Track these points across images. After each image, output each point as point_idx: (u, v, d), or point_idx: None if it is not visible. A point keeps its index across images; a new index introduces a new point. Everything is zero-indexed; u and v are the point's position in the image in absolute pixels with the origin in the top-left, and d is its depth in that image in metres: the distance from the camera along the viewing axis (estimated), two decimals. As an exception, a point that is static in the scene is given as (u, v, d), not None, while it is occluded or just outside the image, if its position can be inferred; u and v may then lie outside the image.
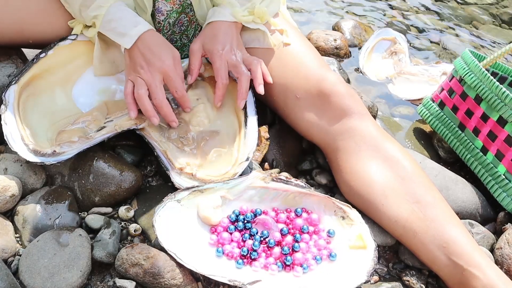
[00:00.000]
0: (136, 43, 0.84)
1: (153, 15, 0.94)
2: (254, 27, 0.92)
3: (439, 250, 0.74)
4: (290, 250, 0.76)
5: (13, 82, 0.84)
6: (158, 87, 0.83)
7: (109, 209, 0.81)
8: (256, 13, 0.91)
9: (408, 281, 0.78)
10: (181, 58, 0.99)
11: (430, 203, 0.77)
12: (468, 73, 0.95)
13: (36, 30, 0.89)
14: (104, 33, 0.86)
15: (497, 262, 0.81)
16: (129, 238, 0.79)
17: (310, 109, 0.87)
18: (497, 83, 0.89)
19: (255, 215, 0.79)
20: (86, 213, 0.81)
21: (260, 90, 0.86)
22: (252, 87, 0.90)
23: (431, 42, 1.49)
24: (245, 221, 0.78)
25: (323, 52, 1.30)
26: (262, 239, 0.76)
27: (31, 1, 0.87)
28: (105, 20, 0.84)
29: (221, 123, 0.89)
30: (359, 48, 1.38)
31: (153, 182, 0.89)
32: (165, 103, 0.83)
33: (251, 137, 0.86)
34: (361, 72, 1.29)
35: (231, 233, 0.77)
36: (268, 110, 0.99)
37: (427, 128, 1.12)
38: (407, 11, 1.65)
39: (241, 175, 0.81)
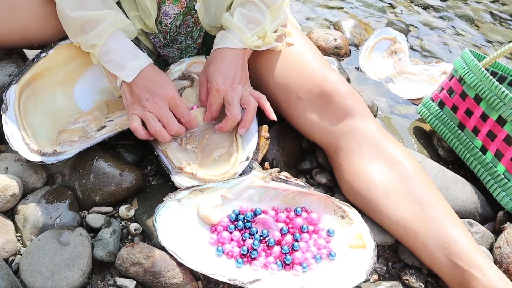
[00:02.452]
0: (135, 78, 0.81)
1: (157, 18, 0.93)
2: (263, 49, 0.90)
3: (440, 251, 0.74)
4: (290, 249, 0.76)
5: (13, 82, 0.84)
6: (170, 117, 0.81)
7: (109, 209, 0.82)
8: (266, 41, 0.89)
9: (407, 280, 0.78)
10: (184, 58, 0.99)
11: (431, 204, 0.77)
12: (467, 72, 0.95)
13: (42, 34, 0.88)
14: (102, 64, 0.83)
15: (496, 261, 0.81)
16: (129, 237, 0.80)
17: (312, 109, 0.88)
18: (497, 82, 0.90)
19: (255, 215, 0.79)
20: (86, 212, 0.82)
21: (240, 132, 0.85)
22: (252, 87, 0.90)
23: (431, 41, 1.49)
24: (245, 221, 0.78)
25: (323, 51, 1.30)
26: (262, 238, 0.77)
27: (36, 7, 0.86)
28: (103, 50, 0.81)
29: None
30: (359, 48, 1.38)
31: (153, 182, 0.89)
32: (182, 130, 0.83)
33: (251, 136, 0.86)
34: (361, 72, 1.29)
35: (231, 232, 0.77)
36: (268, 110, 0.99)
37: (427, 127, 1.12)
38: (407, 10, 1.65)
39: (241, 174, 0.82)
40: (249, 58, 0.93)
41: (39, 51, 0.89)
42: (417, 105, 1.14)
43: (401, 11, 1.64)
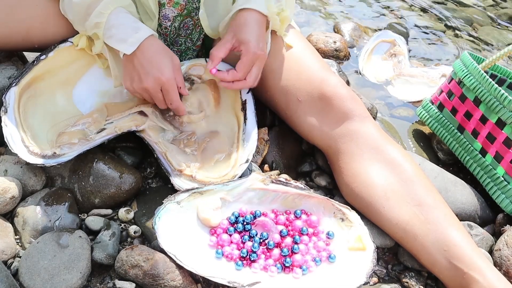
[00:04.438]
0: (135, 51, 0.81)
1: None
2: (274, 29, 0.91)
3: (440, 253, 0.74)
4: (290, 251, 0.76)
5: (13, 84, 0.84)
6: (158, 101, 0.85)
7: (109, 211, 0.82)
8: (281, 17, 0.90)
9: (407, 282, 0.78)
10: (185, 60, 0.99)
11: (431, 206, 0.77)
12: (467, 75, 0.95)
13: (43, 34, 0.89)
14: (105, 41, 0.84)
15: (495, 264, 0.81)
16: (129, 239, 0.80)
17: (312, 111, 0.88)
18: (496, 85, 0.90)
19: (255, 217, 0.79)
20: (86, 214, 0.81)
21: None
22: (250, 90, 0.91)
23: (430, 44, 1.49)
24: (245, 223, 0.78)
25: (323, 54, 1.30)
26: (261, 240, 0.77)
27: (38, 7, 0.86)
28: (106, 27, 0.83)
29: (221, 125, 0.90)
30: (359, 50, 1.38)
31: (153, 184, 0.89)
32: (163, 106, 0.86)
33: (251, 139, 0.86)
34: (360, 74, 1.29)
35: (230, 235, 0.77)
36: (268, 112, 0.99)
37: (426, 129, 1.12)
38: (407, 13, 1.65)
39: (240, 177, 0.82)
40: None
41: (39, 53, 0.89)
42: (417, 107, 1.14)
43: (401, 14, 1.64)
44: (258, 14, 0.86)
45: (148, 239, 0.79)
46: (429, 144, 1.08)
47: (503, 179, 0.90)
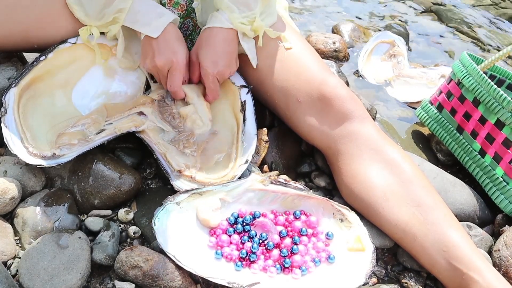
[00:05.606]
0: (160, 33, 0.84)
1: None
2: (247, 37, 0.90)
3: (439, 254, 0.74)
4: (289, 252, 0.76)
5: (13, 85, 0.84)
6: (162, 81, 0.88)
7: (108, 212, 0.82)
8: (254, 27, 0.89)
9: (406, 283, 0.78)
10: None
11: (430, 207, 0.77)
12: (466, 76, 0.95)
13: (42, 34, 0.89)
14: (129, 25, 0.86)
15: (495, 264, 0.81)
16: (128, 240, 0.80)
17: (312, 112, 0.88)
18: (495, 86, 0.90)
19: (254, 218, 0.79)
20: (85, 215, 0.82)
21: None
22: (250, 91, 0.91)
23: (429, 44, 1.49)
24: (244, 224, 0.78)
25: (322, 55, 1.30)
26: (261, 241, 0.77)
27: (37, 6, 0.87)
28: (131, 12, 0.85)
29: (220, 126, 0.90)
30: (358, 51, 1.38)
31: (153, 185, 0.89)
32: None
33: (250, 139, 0.86)
34: (360, 75, 1.29)
35: (230, 236, 0.77)
36: (267, 113, 0.99)
37: (425, 130, 1.12)
38: (406, 14, 1.65)
39: (240, 177, 0.82)
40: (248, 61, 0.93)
41: (39, 54, 0.89)
42: (416, 108, 1.15)
43: (400, 14, 1.64)
44: (224, 30, 0.87)
45: (147, 239, 0.79)
46: (428, 145, 1.08)
47: (502, 179, 0.90)
